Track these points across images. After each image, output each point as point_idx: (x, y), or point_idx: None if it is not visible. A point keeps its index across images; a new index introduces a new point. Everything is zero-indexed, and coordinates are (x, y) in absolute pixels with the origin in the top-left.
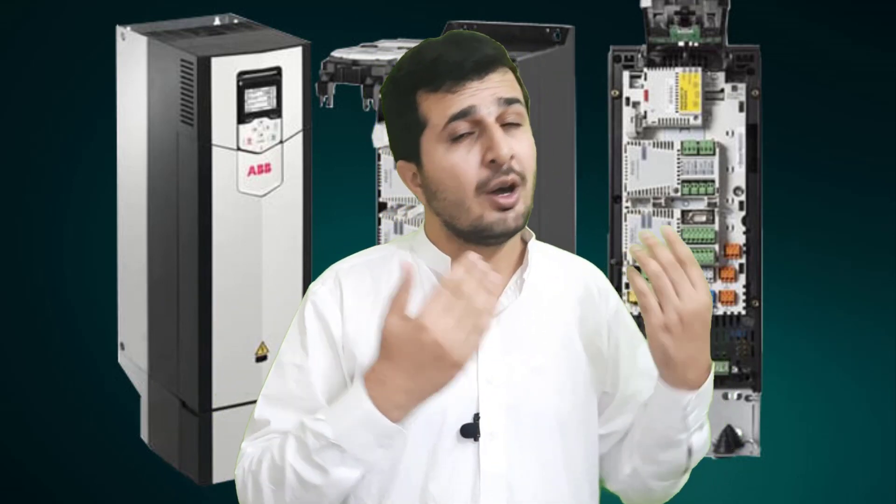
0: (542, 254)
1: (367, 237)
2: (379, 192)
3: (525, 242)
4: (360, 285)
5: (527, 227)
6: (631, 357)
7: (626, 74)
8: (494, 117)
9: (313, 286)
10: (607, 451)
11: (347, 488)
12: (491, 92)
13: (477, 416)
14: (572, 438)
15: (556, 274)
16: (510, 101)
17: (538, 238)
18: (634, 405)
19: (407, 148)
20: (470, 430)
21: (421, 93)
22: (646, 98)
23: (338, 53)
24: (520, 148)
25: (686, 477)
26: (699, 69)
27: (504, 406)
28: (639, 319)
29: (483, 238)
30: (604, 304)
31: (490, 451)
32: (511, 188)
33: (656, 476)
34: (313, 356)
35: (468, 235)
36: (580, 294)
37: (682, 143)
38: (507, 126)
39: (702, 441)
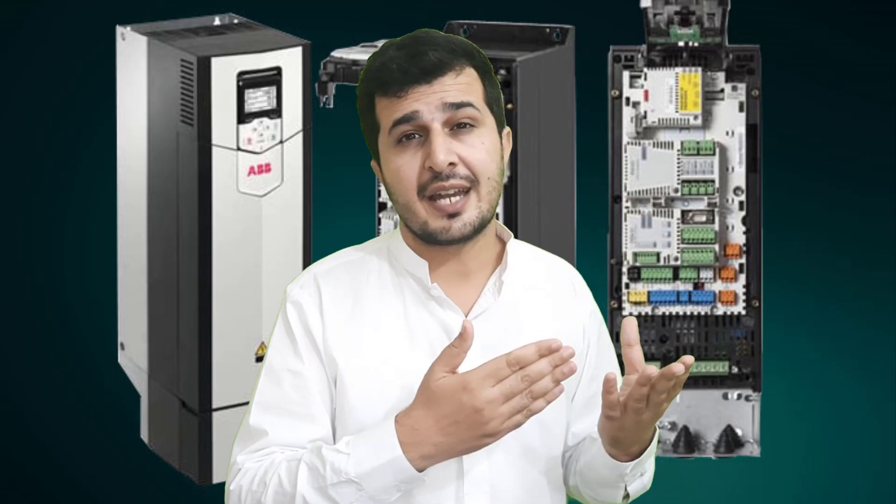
0: (521, 254)
1: (367, 237)
2: (379, 192)
3: (504, 242)
4: (339, 288)
5: (506, 227)
6: (597, 359)
7: (626, 74)
8: (441, 122)
9: (291, 289)
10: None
11: None
12: (438, 97)
13: None
14: (552, 437)
15: (535, 274)
16: (459, 106)
17: (538, 238)
18: (593, 408)
19: (372, 148)
20: None
21: (376, 96)
22: (646, 98)
23: (338, 53)
24: (468, 152)
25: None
26: (699, 69)
27: None
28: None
29: (433, 242)
30: (581, 305)
31: (472, 456)
32: (455, 193)
33: (595, 499)
34: (308, 362)
35: (421, 237)
36: (560, 294)
37: (682, 143)
38: (458, 129)
39: (640, 486)
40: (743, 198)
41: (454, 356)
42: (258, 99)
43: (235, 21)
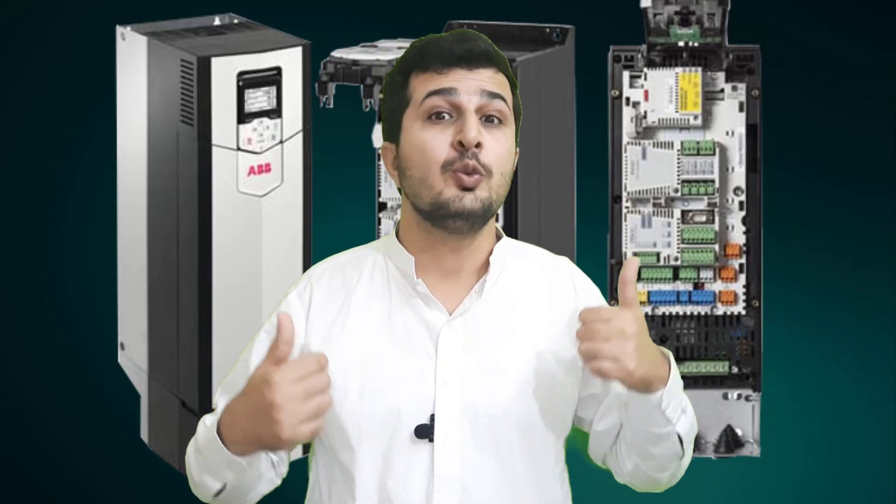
0: (516, 254)
1: (367, 237)
2: (379, 192)
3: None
4: (330, 288)
5: (500, 230)
6: None
7: (626, 74)
8: (475, 106)
9: (290, 292)
10: (609, 448)
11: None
12: (476, 83)
13: (433, 418)
14: (537, 440)
15: (529, 275)
16: (494, 96)
17: (538, 238)
18: (613, 405)
19: (392, 127)
20: (424, 431)
21: (413, 73)
22: (646, 98)
23: (338, 53)
24: (493, 144)
25: (687, 459)
26: (699, 69)
27: (460, 407)
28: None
29: (441, 218)
30: (584, 304)
31: (444, 453)
32: (473, 171)
33: (656, 468)
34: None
35: (428, 215)
36: (558, 294)
37: (682, 143)
38: (487, 120)
39: (688, 425)
40: (743, 198)
41: (275, 348)
42: (258, 99)
43: (235, 21)
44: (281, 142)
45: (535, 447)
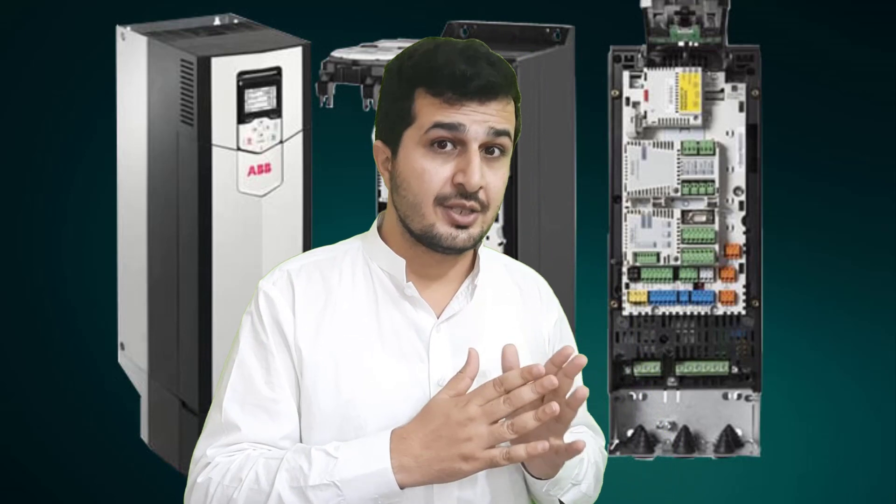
0: (491, 261)
1: None
2: (379, 192)
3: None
4: (310, 286)
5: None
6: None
7: (626, 74)
8: (480, 143)
9: (263, 283)
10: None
11: None
12: (485, 118)
13: None
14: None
15: (504, 281)
16: (500, 133)
17: (539, 239)
18: None
19: (390, 133)
20: None
21: (421, 89)
22: (646, 98)
23: (338, 53)
24: (493, 179)
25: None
26: (699, 69)
27: None
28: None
29: (431, 246)
30: (547, 313)
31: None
32: (470, 211)
33: None
34: (279, 357)
35: (419, 239)
36: (528, 301)
37: (682, 143)
38: (488, 154)
39: (577, 495)
40: (743, 198)
41: (458, 380)
42: (258, 99)
43: (235, 21)
44: (281, 142)
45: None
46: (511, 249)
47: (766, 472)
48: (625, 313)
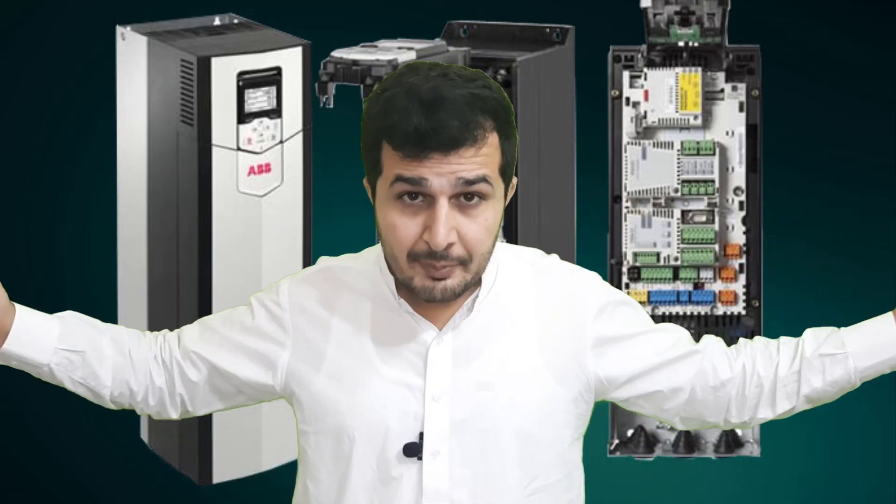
0: (517, 267)
1: (367, 237)
2: None
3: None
4: (316, 292)
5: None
6: (633, 360)
7: (626, 74)
8: (448, 195)
9: (272, 286)
10: (728, 402)
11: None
12: (452, 169)
13: (422, 436)
14: (533, 451)
15: (521, 284)
16: (472, 182)
17: (538, 238)
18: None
19: (369, 177)
20: (413, 450)
21: (384, 142)
22: (646, 98)
23: (338, 53)
24: (467, 229)
25: None
26: (699, 69)
27: (449, 423)
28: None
29: (412, 294)
30: (587, 329)
31: (432, 470)
32: (444, 267)
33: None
34: (252, 327)
35: (402, 284)
36: (561, 315)
37: (682, 143)
38: (465, 200)
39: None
40: (743, 198)
41: None
42: (258, 99)
43: (235, 21)
44: (281, 142)
45: (530, 458)
46: None
47: (766, 472)
48: None
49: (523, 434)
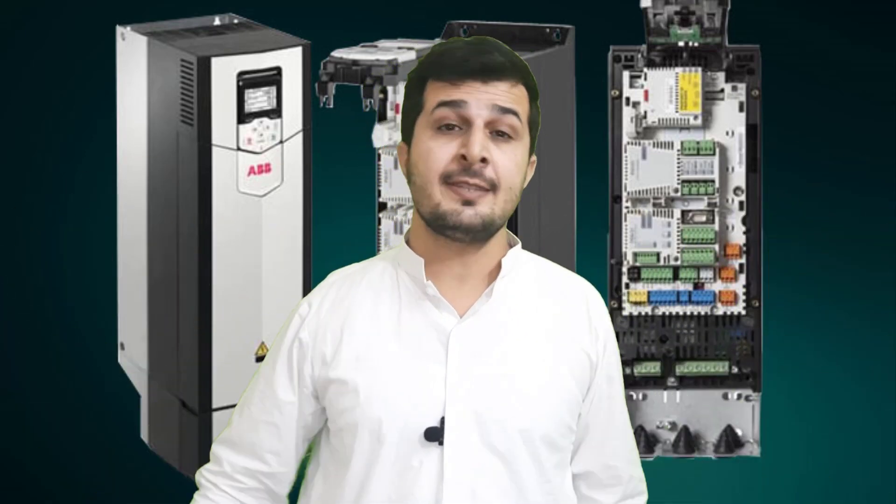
0: (529, 264)
1: (367, 237)
2: (379, 192)
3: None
4: (339, 294)
5: (515, 237)
6: (609, 402)
7: (626, 74)
8: (484, 120)
9: (303, 300)
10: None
11: None
12: (489, 97)
13: (443, 421)
14: (547, 443)
15: (539, 282)
16: (506, 111)
17: (538, 238)
18: (593, 447)
19: (406, 129)
20: (434, 434)
21: (429, 80)
22: (646, 98)
23: (338, 53)
24: (501, 158)
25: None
26: (699, 69)
27: (470, 410)
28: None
29: (441, 228)
30: (593, 335)
31: (454, 456)
32: (476, 188)
33: None
34: (292, 395)
35: (429, 223)
36: (569, 314)
37: (682, 143)
38: (497, 135)
39: None
40: (743, 198)
41: None
42: (258, 99)
43: (235, 21)
44: (281, 142)
45: (544, 451)
46: None
47: (766, 472)
48: (625, 313)
49: (537, 427)
